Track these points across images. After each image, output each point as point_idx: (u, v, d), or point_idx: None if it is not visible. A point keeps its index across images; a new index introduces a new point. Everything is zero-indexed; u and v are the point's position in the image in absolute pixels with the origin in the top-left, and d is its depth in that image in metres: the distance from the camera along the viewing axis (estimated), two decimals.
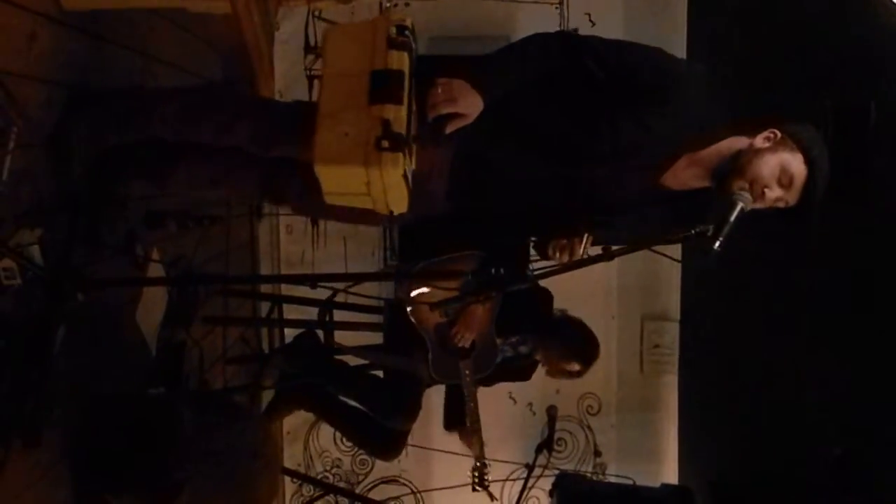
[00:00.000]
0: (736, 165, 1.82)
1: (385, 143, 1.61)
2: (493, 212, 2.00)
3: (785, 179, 1.81)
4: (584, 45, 1.85)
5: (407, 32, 1.71)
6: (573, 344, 3.15)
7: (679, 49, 3.94)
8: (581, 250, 1.92)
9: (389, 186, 1.66)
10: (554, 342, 3.16)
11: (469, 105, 1.76)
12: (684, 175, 1.90)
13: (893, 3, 2.19)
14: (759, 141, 1.83)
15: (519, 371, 3.33)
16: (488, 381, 3.26)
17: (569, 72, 1.83)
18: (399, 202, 1.73)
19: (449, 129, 1.76)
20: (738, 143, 1.86)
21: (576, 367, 3.16)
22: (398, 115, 1.64)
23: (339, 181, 1.68)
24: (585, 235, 1.89)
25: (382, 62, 1.67)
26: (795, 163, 1.81)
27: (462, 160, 1.91)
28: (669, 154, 1.88)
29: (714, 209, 1.89)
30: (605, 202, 1.94)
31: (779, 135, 1.83)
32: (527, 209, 1.98)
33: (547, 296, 3.20)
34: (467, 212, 2.02)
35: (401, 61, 1.68)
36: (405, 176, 1.67)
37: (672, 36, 4.00)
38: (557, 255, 1.95)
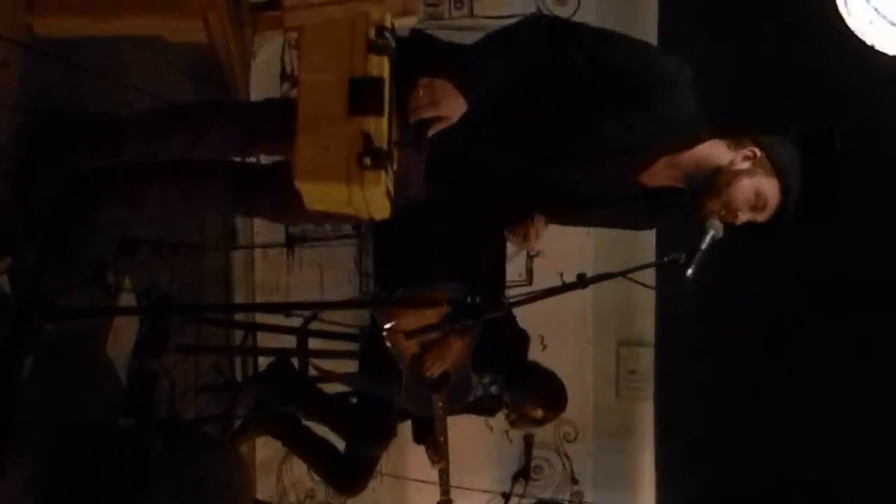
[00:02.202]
0: (713, 184, 1.82)
1: (367, 161, 1.58)
2: (468, 201, 1.98)
3: (759, 204, 1.82)
4: (571, 32, 1.79)
5: (387, 34, 1.66)
6: (542, 393, 3.13)
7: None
8: (537, 232, 1.93)
9: (371, 201, 1.64)
10: (523, 389, 3.14)
11: (452, 107, 1.69)
12: (661, 175, 1.90)
13: (855, 33, 2.25)
14: (739, 160, 1.83)
15: (486, 409, 3.32)
16: (454, 412, 3.24)
17: (552, 63, 1.77)
18: (381, 211, 1.71)
19: (431, 132, 1.71)
20: (717, 151, 1.85)
21: (539, 415, 3.14)
22: (379, 128, 1.61)
23: (320, 196, 1.66)
24: (537, 217, 1.89)
25: (361, 68, 1.62)
26: (770, 188, 1.82)
27: (437, 156, 1.87)
28: (649, 154, 1.87)
29: (685, 209, 1.91)
30: (578, 197, 1.93)
31: (758, 154, 1.83)
32: (499, 202, 1.96)
33: (523, 338, 3.20)
34: (443, 201, 1.98)
35: (380, 67, 1.63)
36: (387, 191, 1.65)
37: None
38: (514, 239, 1.95)
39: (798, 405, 2.96)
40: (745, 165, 1.83)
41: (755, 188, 1.82)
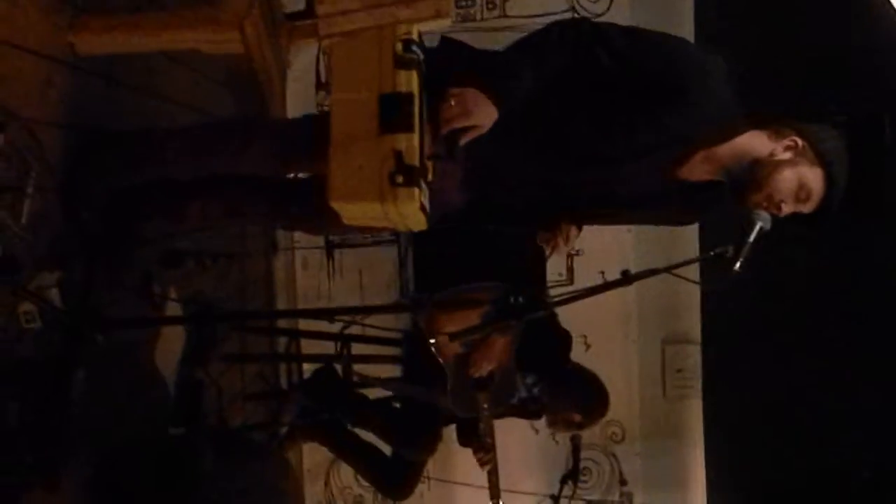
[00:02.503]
0: (754, 177, 1.78)
1: (399, 179, 1.59)
2: (505, 207, 1.97)
3: (803, 195, 1.78)
4: (599, 33, 1.77)
5: (414, 47, 1.66)
6: (583, 395, 3.09)
7: None
8: (565, 239, 1.91)
9: (406, 216, 1.66)
10: (564, 390, 3.11)
11: (483, 116, 1.69)
12: (700, 169, 1.86)
13: None
14: (780, 151, 1.78)
15: (530, 412, 3.29)
16: (499, 415, 3.23)
17: (581, 65, 1.75)
18: (418, 224, 1.72)
19: (463, 142, 1.71)
20: (756, 142, 1.81)
21: (577, 418, 3.11)
22: (410, 145, 1.62)
23: (356, 213, 1.68)
24: (567, 227, 1.88)
25: (391, 83, 1.63)
26: (814, 178, 1.77)
27: (474, 164, 1.86)
28: (686, 150, 1.83)
29: (726, 202, 1.87)
30: (616, 198, 1.91)
31: (800, 144, 1.78)
32: (537, 204, 1.94)
33: (566, 339, 3.17)
34: (481, 208, 1.97)
35: (409, 82, 1.64)
36: (422, 207, 1.65)
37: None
38: (548, 245, 1.94)
39: (850, 401, 2.89)
40: (787, 156, 1.78)
41: (798, 179, 1.77)
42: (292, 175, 2.26)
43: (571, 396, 3.10)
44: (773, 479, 3.51)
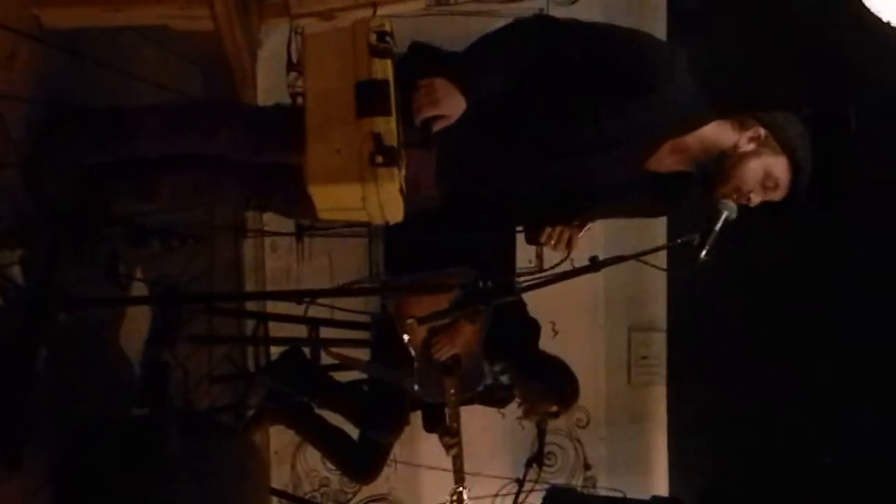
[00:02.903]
0: (720, 169, 1.82)
1: (379, 159, 1.59)
2: (480, 205, 1.98)
3: (770, 183, 1.81)
4: (564, 30, 1.81)
5: (388, 38, 1.68)
6: (554, 385, 3.11)
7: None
8: (576, 240, 1.93)
9: (385, 201, 1.65)
10: (534, 381, 3.13)
11: (452, 105, 1.73)
12: (668, 161, 1.90)
13: (870, 9, 2.22)
14: (744, 142, 1.82)
15: (496, 399, 3.31)
16: (465, 401, 3.24)
17: (548, 60, 1.80)
18: (395, 213, 1.71)
19: (435, 129, 1.73)
20: (722, 132, 1.85)
21: (552, 408, 3.14)
22: (388, 127, 1.62)
23: (333, 200, 1.66)
24: (577, 224, 1.90)
25: (366, 72, 1.64)
26: (780, 166, 1.81)
27: (446, 158, 1.89)
28: (653, 141, 1.87)
29: (696, 193, 1.90)
30: (588, 190, 1.93)
31: (763, 134, 1.82)
32: (511, 201, 1.96)
33: (535, 326, 3.19)
34: (454, 204, 1.99)
35: (385, 70, 1.65)
36: (401, 189, 1.65)
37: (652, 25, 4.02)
38: (552, 243, 1.94)
39: (813, 389, 2.95)
40: (751, 147, 1.82)
41: (764, 168, 1.81)
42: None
43: (543, 388, 3.12)
44: (735, 464, 3.57)
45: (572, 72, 1.79)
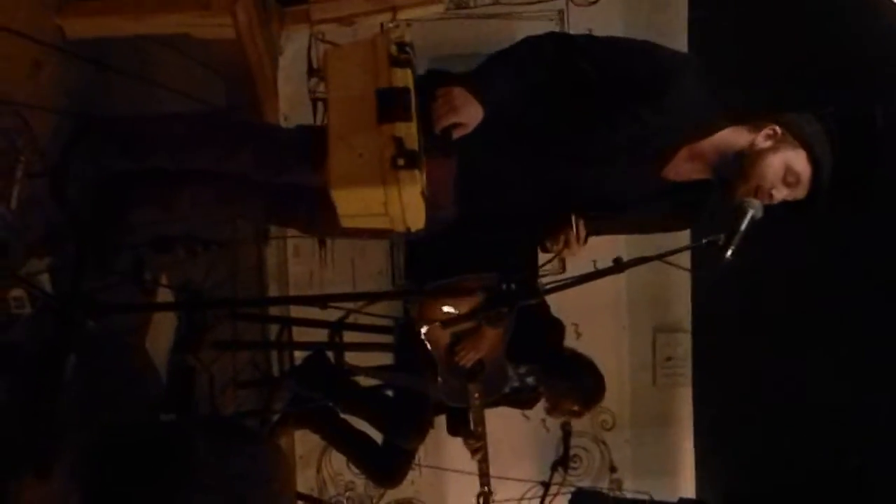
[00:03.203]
0: (740, 169, 1.81)
1: (401, 162, 1.61)
2: (498, 215, 1.99)
3: (791, 178, 1.80)
4: (575, 44, 1.84)
5: (407, 49, 1.72)
6: (580, 384, 3.10)
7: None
8: (577, 236, 1.92)
9: (407, 205, 1.66)
10: (560, 380, 3.12)
11: (470, 113, 1.76)
12: (685, 168, 1.90)
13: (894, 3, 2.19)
14: (761, 140, 1.82)
15: (523, 401, 3.30)
16: (491, 404, 3.23)
17: (561, 73, 1.82)
18: (416, 219, 1.73)
19: (454, 137, 1.76)
20: (738, 136, 1.85)
21: (577, 407, 3.12)
22: (409, 132, 1.64)
23: (356, 204, 1.68)
24: (574, 218, 1.89)
25: (386, 80, 1.67)
26: (799, 160, 1.80)
27: (464, 169, 1.91)
28: (669, 147, 1.87)
29: (716, 201, 1.89)
30: (607, 200, 1.93)
31: (779, 131, 1.82)
32: (529, 210, 1.97)
33: (559, 327, 3.17)
34: (474, 218, 2.01)
35: (405, 78, 1.69)
36: (423, 192, 1.66)
37: (672, 43, 4.00)
38: (555, 247, 1.95)
39: (841, 390, 2.91)
40: (768, 143, 1.81)
41: (784, 163, 1.80)
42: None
43: (568, 384, 3.11)
44: (762, 466, 3.53)
45: (586, 83, 1.82)
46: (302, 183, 1.94)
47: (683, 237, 3.59)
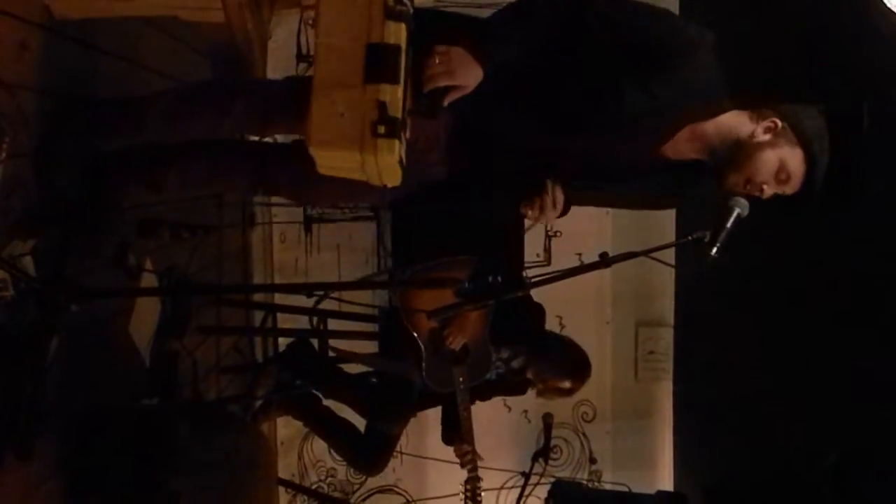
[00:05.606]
0: (735, 158, 1.79)
1: (381, 129, 1.56)
2: (484, 175, 1.94)
3: (783, 176, 1.79)
4: (590, 3, 1.75)
5: (405, 0, 1.62)
6: (564, 362, 3.14)
7: None
8: (553, 200, 1.88)
9: (384, 168, 1.62)
10: (545, 360, 3.15)
11: (468, 76, 1.67)
12: (684, 147, 1.86)
13: (886, 5, 2.20)
14: (760, 132, 1.79)
15: (513, 386, 3.32)
16: (484, 396, 3.26)
17: (570, 33, 1.75)
18: (392, 179, 1.68)
19: (446, 102, 1.69)
20: (739, 122, 1.82)
21: (567, 384, 3.15)
22: (394, 97, 1.58)
23: (333, 160, 1.64)
24: (549, 183, 1.85)
25: (379, 34, 1.59)
26: (795, 159, 1.78)
27: (457, 127, 1.85)
28: (672, 124, 1.83)
29: (706, 185, 1.88)
30: (598, 169, 1.90)
31: (780, 125, 1.79)
32: (515, 173, 1.91)
33: (540, 310, 3.20)
34: (458, 178, 1.95)
35: (398, 34, 1.60)
36: (400, 161, 1.63)
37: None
38: (529, 213, 1.91)
39: (820, 385, 2.94)
40: (767, 137, 1.79)
41: (778, 160, 1.78)
42: (271, 140, 2.24)
43: (555, 364, 3.14)
44: (740, 460, 3.57)
45: (595, 44, 1.75)
46: (289, 134, 1.88)
47: (668, 232, 3.64)
